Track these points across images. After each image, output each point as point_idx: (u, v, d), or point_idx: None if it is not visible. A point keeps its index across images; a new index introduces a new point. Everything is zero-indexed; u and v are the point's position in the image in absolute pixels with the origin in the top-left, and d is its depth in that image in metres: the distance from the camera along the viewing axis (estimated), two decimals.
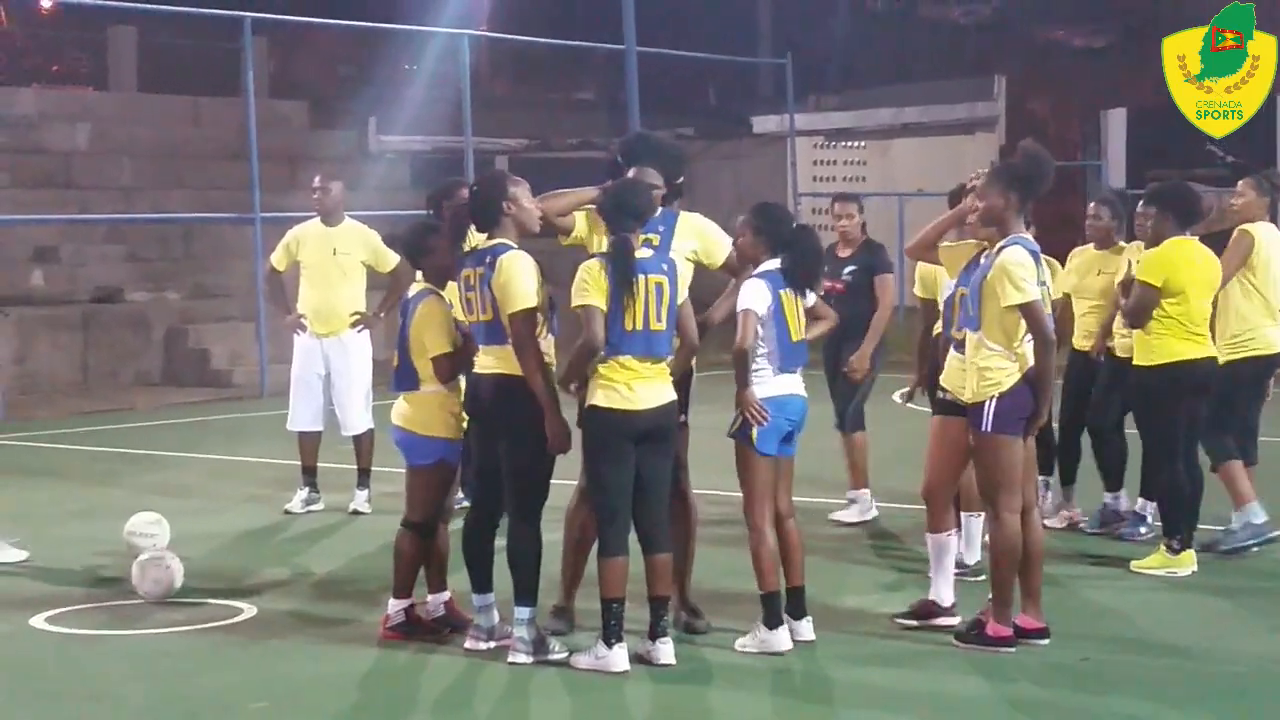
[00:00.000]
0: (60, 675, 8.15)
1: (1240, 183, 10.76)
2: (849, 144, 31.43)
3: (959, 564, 9.58)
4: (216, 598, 9.58)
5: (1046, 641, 8.11)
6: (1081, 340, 11.08)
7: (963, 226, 8.76)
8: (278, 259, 12.64)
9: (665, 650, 7.96)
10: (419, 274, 8.62)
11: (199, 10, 23.70)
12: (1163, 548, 9.87)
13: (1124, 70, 31.02)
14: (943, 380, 8.55)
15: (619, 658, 7.85)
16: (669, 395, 7.98)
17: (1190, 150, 29.30)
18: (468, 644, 8.25)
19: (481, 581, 8.26)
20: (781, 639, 8.12)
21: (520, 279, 7.85)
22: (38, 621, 9.07)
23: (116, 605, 9.46)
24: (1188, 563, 9.80)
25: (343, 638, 8.62)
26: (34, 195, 23.47)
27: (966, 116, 31.92)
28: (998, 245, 8.05)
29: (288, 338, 12.96)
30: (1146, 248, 10.12)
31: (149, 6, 24.17)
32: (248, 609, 9.29)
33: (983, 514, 9.89)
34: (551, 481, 8.11)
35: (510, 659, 7.99)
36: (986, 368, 7.99)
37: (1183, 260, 9.76)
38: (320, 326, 12.31)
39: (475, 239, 8.13)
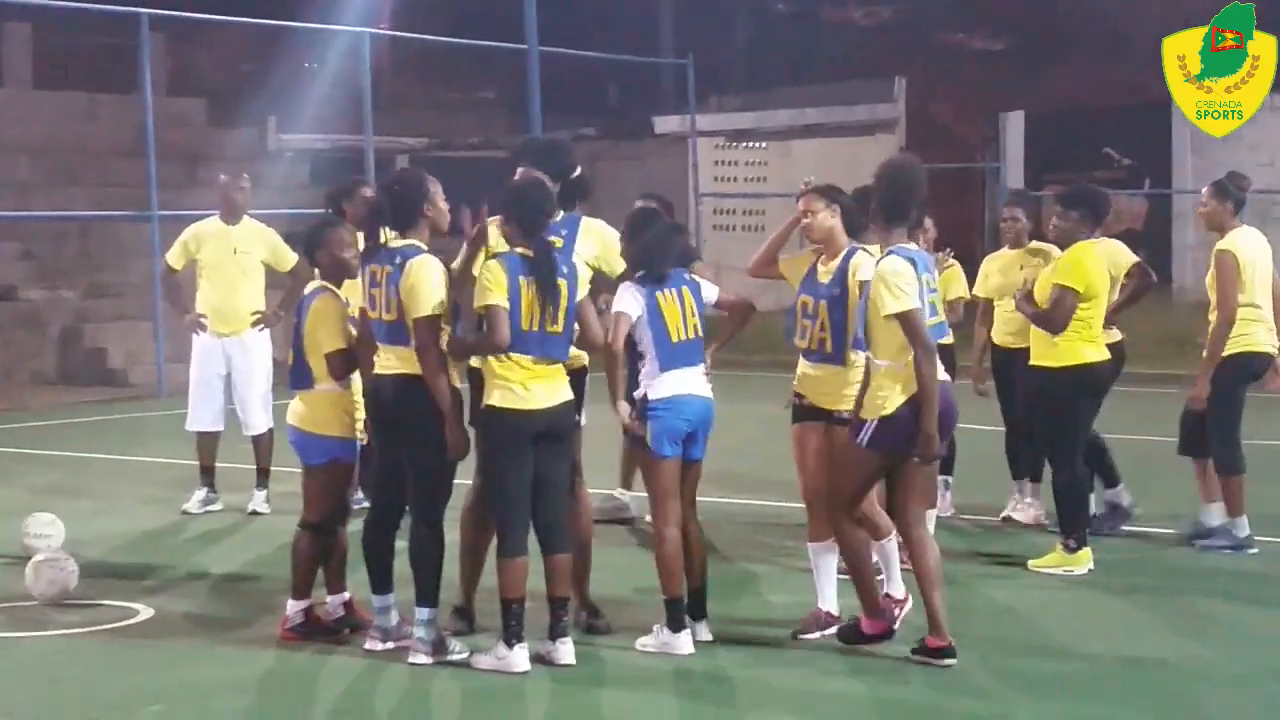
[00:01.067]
0: None
1: (1204, 190, 10.80)
2: (750, 144, 31.50)
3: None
4: (112, 599, 9.49)
5: (953, 661, 7.91)
6: (1009, 337, 11.16)
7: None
8: (174, 258, 12.52)
9: (565, 650, 7.95)
10: (316, 271, 8.58)
11: (95, 5, 23.42)
12: (1060, 546, 9.95)
13: (1023, 74, 31.35)
14: (797, 387, 8.56)
15: (520, 658, 7.83)
16: (566, 394, 7.98)
17: (1087, 153, 29.67)
18: (367, 645, 8.21)
19: (381, 582, 8.21)
20: (683, 642, 8.12)
21: (428, 284, 7.81)
22: None
23: (10, 607, 9.33)
24: (1085, 561, 9.89)
25: (241, 639, 8.55)
26: None
27: (867, 118, 32.08)
28: (877, 259, 8.05)
29: (186, 337, 12.84)
30: (1061, 249, 10.21)
31: (44, 2, 23.90)
32: (144, 610, 9.20)
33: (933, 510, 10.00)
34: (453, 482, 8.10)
35: (411, 659, 7.96)
36: (878, 387, 7.90)
37: (1096, 263, 9.88)
38: (221, 326, 12.22)
39: (385, 236, 8.08)
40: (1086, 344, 9.88)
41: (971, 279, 11.58)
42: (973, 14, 33.25)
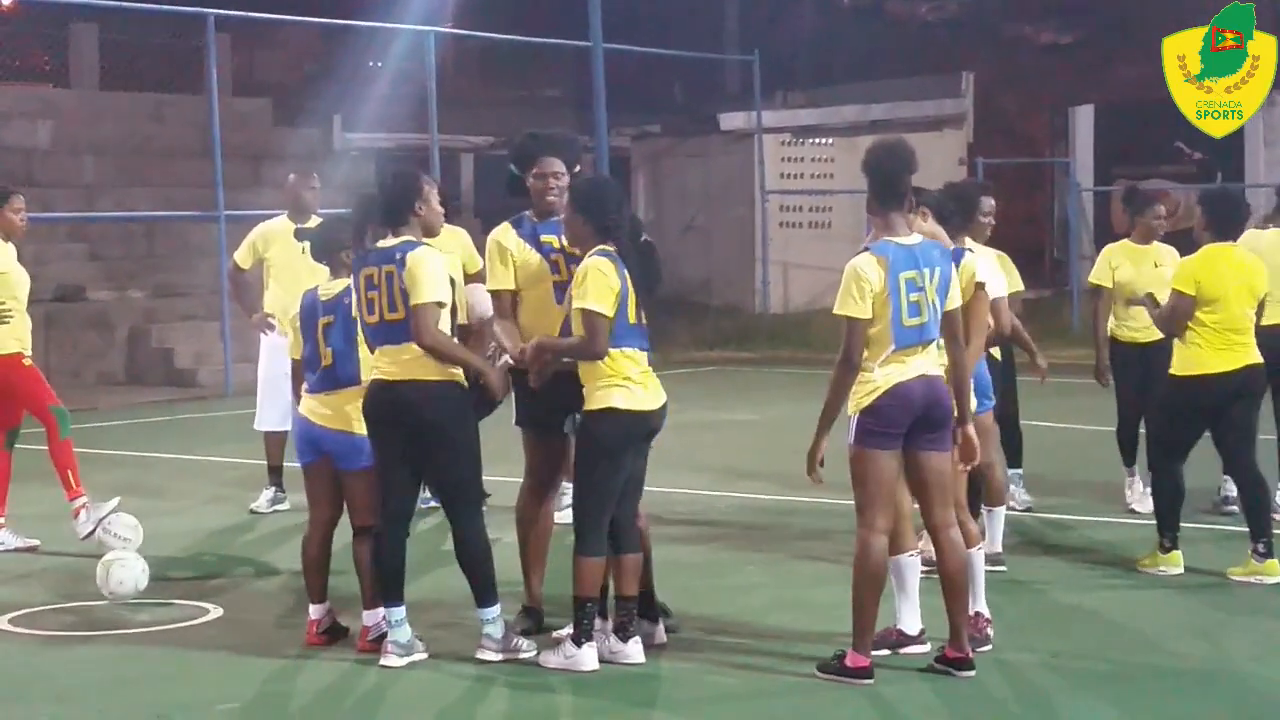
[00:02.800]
0: (24, 678, 8.02)
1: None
2: (816, 141, 31.35)
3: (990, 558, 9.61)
4: (182, 598, 9.49)
5: (972, 672, 7.65)
6: (1137, 332, 11.35)
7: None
8: (242, 257, 12.51)
9: (635, 650, 7.87)
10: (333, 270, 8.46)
11: (161, 7, 23.52)
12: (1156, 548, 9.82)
13: (1092, 67, 31.08)
14: None
15: (589, 656, 7.76)
16: (664, 394, 7.92)
17: (1157, 147, 29.36)
18: (383, 662, 7.96)
19: (396, 593, 7.99)
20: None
21: (432, 274, 7.72)
22: (1, 623, 8.96)
23: (81, 606, 9.35)
24: (1176, 562, 9.73)
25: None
26: None
27: (934, 113, 31.88)
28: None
29: (253, 336, 12.84)
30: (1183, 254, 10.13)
31: (111, 3, 24.01)
32: (214, 610, 9.19)
33: (1002, 507, 9.84)
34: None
35: (480, 655, 7.89)
36: (860, 382, 7.59)
37: (1215, 268, 9.69)
38: (289, 325, 12.15)
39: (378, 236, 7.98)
40: (1210, 353, 9.63)
41: (1023, 271, 11.41)
42: (1040, 6, 33.01)
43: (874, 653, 7.67)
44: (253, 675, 7.94)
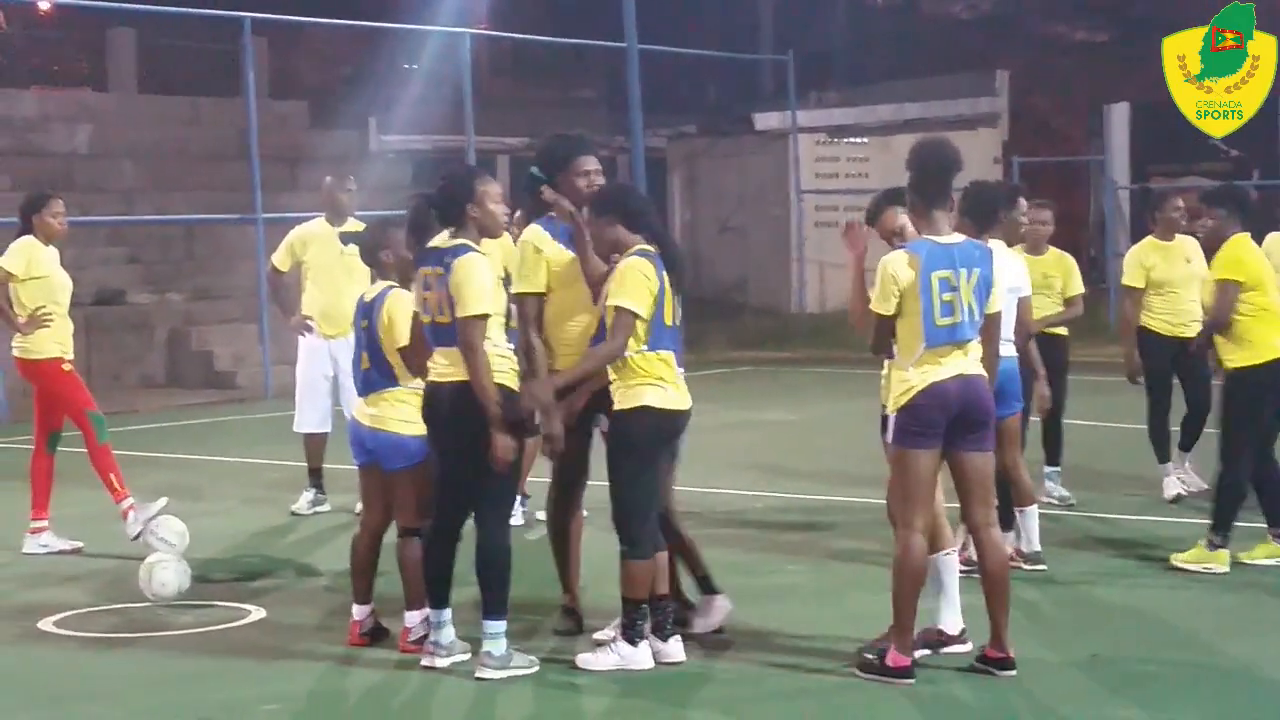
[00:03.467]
0: (67, 679, 8.09)
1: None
2: (851, 140, 31.33)
3: (1022, 554, 9.68)
4: (224, 600, 9.54)
5: (1013, 672, 7.64)
6: (1175, 327, 11.64)
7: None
8: (280, 259, 12.56)
9: (676, 648, 7.90)
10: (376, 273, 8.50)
11: (198, 11, 23.66)
12: (1204, 542, 9.76)
13: (1126, 64, 30.96)
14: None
15: (644, 654, 7.79)
16: (690, 398, 7.96)
17: (1194, 144, 29.23)
18: (425, 662, 7.99)
19: (442, 596, 7.99)
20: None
21: (475, 283, 7.67)
22: (45, 625, 9.02)
23: (123, 608, 9.41)
24: (1224, 561, 9.70)
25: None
26: None
27: (969, 112, 31.81)
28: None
29: (291, 339, 12.89)
30: (1206, 247, 10.13)
31: (148, 8, 24.10)
32: (256, 612, 9.23)
33: (1033, 506, 9.83)
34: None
35: (478, 674, 7.78)
36: (894, 380, 7.64)
37: (1253, 254, 9.80)
38: (328, 327, 12.21)
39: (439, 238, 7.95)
40: (1273, 334, 9.65)
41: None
42: (1074, 4, 32.95)
43: (915, 652, 7.67)
44: (295, 676, 7.98)
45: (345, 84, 32.62)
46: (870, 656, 7.71)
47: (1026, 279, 9.67)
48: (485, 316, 7.69)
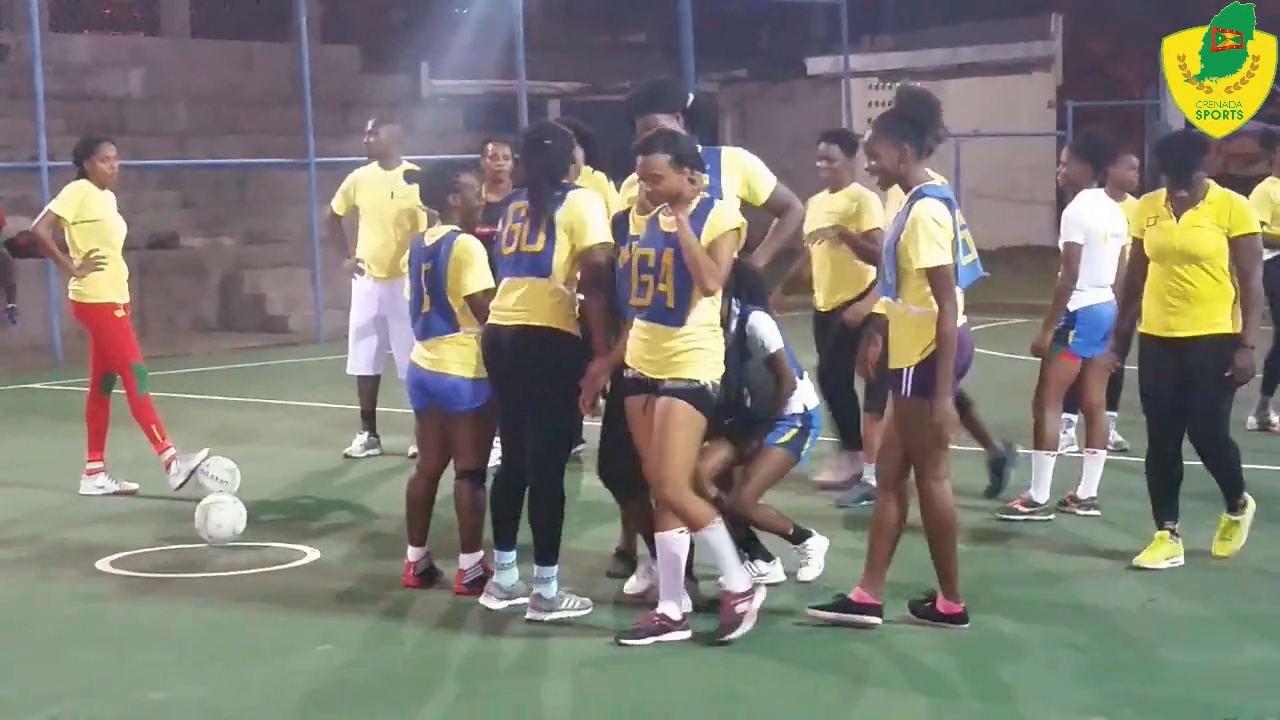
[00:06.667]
0: (125, 618, 8.16)
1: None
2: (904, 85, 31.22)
3: (1031, 503, 9.63)
4: (279, 541, 9.60)
5: (965, 625, 7.55)
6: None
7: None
8: (337, 204, 12.61)
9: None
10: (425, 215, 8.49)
11: None
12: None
13: (1183, 6, 30.68)
14: (628, 358, 7.58)
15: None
16: None
17: None
18: (483, 600, 8.05)
19: (508, 537, 8.03)
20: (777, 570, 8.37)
21: (592, 215, 7.70)
22: (103, 565, 9.11)
23: (180, 549, 9.49)
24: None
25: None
26: None
27: (1023, 56, 31.65)
28: (907, 199, 7.43)
29: (344, 282, 12.94)
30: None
31: None
32: (310, 553, 9.30)
33: (1055, 452, 9.83)
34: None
35: (529, 616, 7.81)
36: (917, 329, 7.34)
37: None
38: (379, 271, 12.25)
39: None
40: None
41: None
42: None
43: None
44: (350, 617, 8.03)
45: (397, 29, 32.65)
46: (921, 600, 7.71)
47: (1125, 226, 9.56)
48: (607, 245, 7.68)
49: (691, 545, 7.62)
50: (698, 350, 7.38)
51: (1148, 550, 8.66)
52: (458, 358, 8.20)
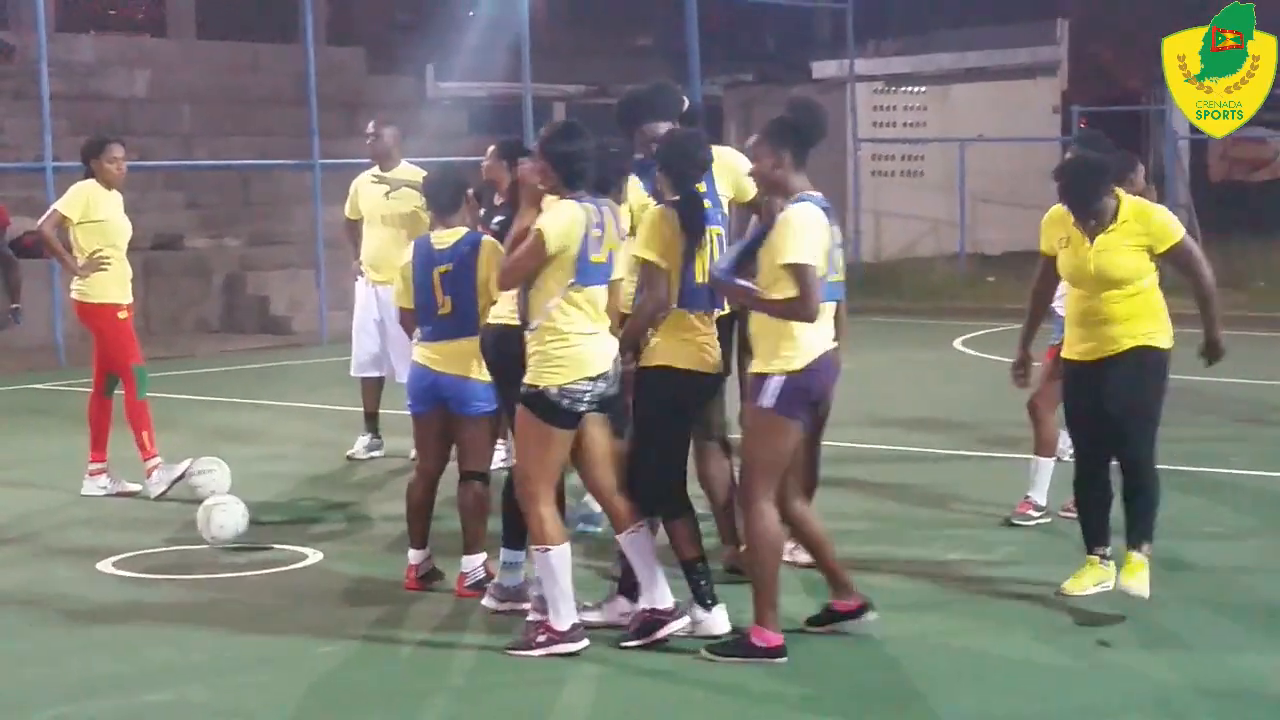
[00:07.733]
0: (127, 619, 8.15)
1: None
2: (909, 89, 31.16)
3: (1038, 506, 9.66)
4: (281, 543, 9.60)
5: (873, 614, 7.49)
6: None
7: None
8: (349, 209, 12.61)
9: (720, 618, 7.56)
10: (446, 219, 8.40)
11: None
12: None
13: (1187, 12, 30.68)
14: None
15: (721, 618, 7.50)
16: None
17: None
18: (485, 602, 8.06)
19: (518, 537, 7.95)
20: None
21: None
22: (105, 566, 9.11)
23: (182, 550, 9.50)
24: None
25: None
26: None
27: (1028, 61, 31.63)
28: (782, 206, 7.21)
29: (348, 284, 12.95)
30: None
31: None
32: (312, 555, 9.30)
33: (1054, 458, 9.79)
34: None
35: (485, 602, 7.97)
36: (779, 337, 7.10)
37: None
38: (375, 274, 12.23)
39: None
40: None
41: None
42: None
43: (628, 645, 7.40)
44: (352, 619, 8.03)
45: (403, 30, 32.67)
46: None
47: None
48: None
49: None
50: (535, 354, 7.30)
51: (1074, 578, 8.09)
52: (478, 361, 8.20)
